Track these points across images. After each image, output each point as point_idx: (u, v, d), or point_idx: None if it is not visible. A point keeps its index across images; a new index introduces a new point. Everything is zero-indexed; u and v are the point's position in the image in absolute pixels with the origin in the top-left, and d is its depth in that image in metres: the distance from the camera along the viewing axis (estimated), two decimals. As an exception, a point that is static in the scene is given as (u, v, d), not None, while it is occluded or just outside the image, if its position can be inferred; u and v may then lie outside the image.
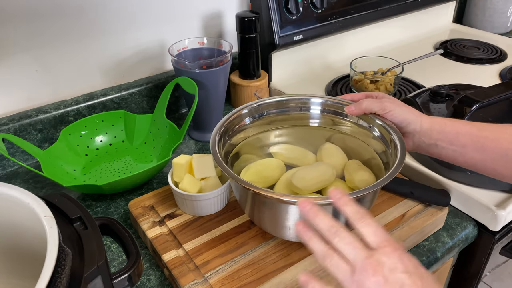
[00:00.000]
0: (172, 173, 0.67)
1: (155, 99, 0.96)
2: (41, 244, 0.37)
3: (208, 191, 0.64)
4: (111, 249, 0.66)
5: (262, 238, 0.62)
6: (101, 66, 0.91)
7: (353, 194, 0.48)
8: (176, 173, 0.66)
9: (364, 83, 1.00)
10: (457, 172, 0.73)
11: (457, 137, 0.56)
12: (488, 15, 1.40)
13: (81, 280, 0.37)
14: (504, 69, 1.12)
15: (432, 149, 0.59)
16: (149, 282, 0.61)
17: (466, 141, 0.55)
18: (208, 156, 0.66)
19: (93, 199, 0.76)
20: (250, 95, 1.00)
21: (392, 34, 1.29)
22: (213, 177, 0.66)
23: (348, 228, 0.41)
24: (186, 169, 0.66)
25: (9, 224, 0.44)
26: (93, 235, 0.42)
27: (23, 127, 0.83)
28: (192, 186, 0.64)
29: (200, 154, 0.67)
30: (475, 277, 0.79)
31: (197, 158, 0.66)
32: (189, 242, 0.62)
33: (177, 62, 0.85)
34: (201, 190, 0.65)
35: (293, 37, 1.01)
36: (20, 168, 0.84)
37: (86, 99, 0.89)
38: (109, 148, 0.87)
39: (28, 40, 0.80)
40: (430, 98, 0.85)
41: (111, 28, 0.88)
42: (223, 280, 0.56)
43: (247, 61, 0.97)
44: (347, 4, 1.08)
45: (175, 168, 0.66)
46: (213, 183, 0.66)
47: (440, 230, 0.69)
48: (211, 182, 0.66)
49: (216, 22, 1.03)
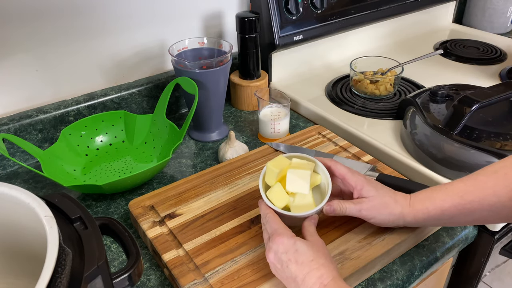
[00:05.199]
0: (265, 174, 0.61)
1: (155, 99, 0.96)
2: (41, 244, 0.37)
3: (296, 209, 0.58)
4: (111, 249, 0.66)
5: (262, 238, 0.62)
6: (101, 66, 0.91)
7: None
8: (268, 176, 0.60)
9: (364, 83, 1.00)
10: (457, 172, 0.73)
11: (443, 214, 0.56)
12: (488, 15, 1.41)
13: (81, 280, 0.37)
14: (504, 69, 1.12)
15: None
16: (149, 282, 0.61)
17: (453, 213, 0.56)
18: (305, 171, 0.58)
19: (93, 199, 0.76)
20: (250, 95, 1.00)
21: (392, 34, 1.30)
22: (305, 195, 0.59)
23: None
24: (278, 177, 0.60)
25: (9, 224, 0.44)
26: (93, 235, 0.42)
27: (23, 127, 0.83)
28: (279, 200, 0.58)
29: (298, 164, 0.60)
30: (475, 277, 0.79)
31: (292, 172, 0.59)
32: (189, 242, 0.62)
33: (177, 62, 0.85)
34: (287, 206, 0.59)
35: (293, 37, 1.01)
36: (20, 168, 0.84)
37: (86, 99, 0.89)
38: (109, 148, 0.87)
39: (28, 40, 0.80)
40: (430, 98, 0.85)
41: (112, 28, 0.89)
42: (223, 280, 0.56)
43: (247, 61, 0.98)
44: (347, 4, 1.08)
45: (268, 172, 0.60)
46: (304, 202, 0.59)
47: (440, 230, 0.69)
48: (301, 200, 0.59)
49: (216, 22, 1.03)
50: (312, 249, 0.52)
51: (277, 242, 0.53)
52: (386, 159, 0.82)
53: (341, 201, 0.59)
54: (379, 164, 0.78)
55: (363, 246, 0.61)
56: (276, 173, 0.59)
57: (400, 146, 0.83)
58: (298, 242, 0.52)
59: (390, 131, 0.88)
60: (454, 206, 0.55)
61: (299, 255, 0.51)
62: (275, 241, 0.53)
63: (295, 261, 0.51)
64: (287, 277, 0.52)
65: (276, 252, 0.53)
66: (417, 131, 0.80)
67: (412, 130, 0.82)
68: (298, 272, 0.50)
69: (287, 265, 0.51)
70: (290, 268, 0.51)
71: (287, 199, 0.59)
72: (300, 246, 0.52)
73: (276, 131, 0.89)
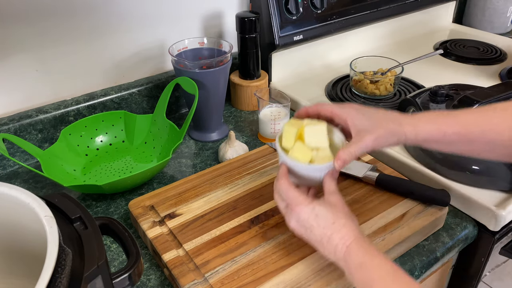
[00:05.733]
0: (281, 137, 0.60)
1: (155, 99, 0.96)
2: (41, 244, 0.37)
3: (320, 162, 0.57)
4: (111, 249, 0.66)
5: (262, 238, 0.62)
6: (101, 66, 0.91)
7: None
8: (286, 138, 0.59)
9: (364, 83, 1.00)
10: (457, 172, 0.73)
11: (444, 137, 0.56)
12: (488, 15, 1.40)
13: (81, 280, 0.37)
14: (504, 69, 1.12)
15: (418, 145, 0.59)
16: (149, 282, 0.61)
17: (453, 139, 0.56)
18: (321, 125, 0.58)
19: (93, 199, 0.76)
20: (250, 95, 1.00)
21: (392, 34, 1.29)
22: (325, 148, 0.58)
23: None
24: (296, 136, 0.59)
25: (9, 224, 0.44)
26: (93, 235, 0.42)
27: (23, 127, 0.83)
28: (303, 155, 0.57)
29: (311, 121, 0.60)
30: (475, 277, 0.79)
31: (309, 128, 0.58)
32: (189, 242, 0.62)
33: (177, 62, 0.85)
34: (312, 160, 0.58)
35: (293, 37, 1.01)
36: (20, 168, 0.84)
37: (86, 99, 0.89)
38: (109, 148, 0.87)
39: (28, 40, 0.80)
40: (430, 98, 0.85)
41: (112, 28, 0.89)
42: (223, 280, 0.56)
43: (247, 61, 0.98)
44: (347, 4, 1.08)
45: (285, 133, 0.59)
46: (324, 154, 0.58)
47: (440, 230, 0.69)
48: (323, 154, 0.58)
49: (216, 22, 1.03)
50: (332, 211, 0.52)
51: (296, 211, 0.54)
52: (386, 159, 0.82)
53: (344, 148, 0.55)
54: (379, 164, 0.78)
55: (363, 246, 0.61)
56: (294, 133, 0.58)
57: (400, 146, 0.83)
58: (317, 207, 0.53)
59: (390, 131, 0.88)
60: (455, 133, 0.55)
61: (320, 220, 0.52)
62: (295, 210, 0.54)
63: (317, 225, 0.52)
64: (313, 240, 0.53)
65: (298, 220, 0.54)
66: (417, 131, 0.80)
67: (412, 130, 0.81)
68: (322, 235, 0.52)
69: (310, 230, 0.53)
70: (314, 232, 0.53)
71: (311, 153, 0.57)
72: (319, 210, 0.53)
73: (276, 131, 0.89)
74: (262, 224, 0.65)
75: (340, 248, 0.50)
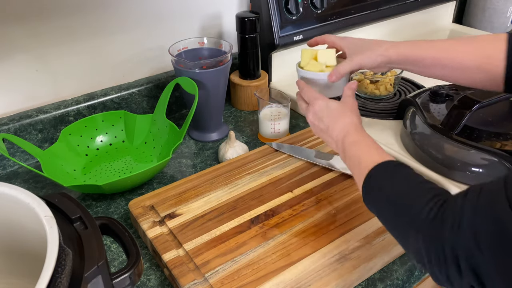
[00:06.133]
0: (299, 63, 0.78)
1: (155, 99, 0.96)
2: (41, 244, 0.37)
3: None
4: (111, 249, 0.66)
5: (262, 238, 0.62)
6: (102, 66, 0.91)
7: None
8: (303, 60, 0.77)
9: (364, 83, 1.00)
10: (457, 172, 0.73)
11: (422, 61, 0.68)
12: (488, 15, 1.40)
13: (81, 280, 0.37)
14: (504, 69, 1.12)
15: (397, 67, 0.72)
16: (149, 282, 0.61)
17: (430, 63, 0.67)
18: (331, 50, 0.76)
19: (93, 199, 0.76)
20: (250, 95, 1.00)
21: (392, 34, 1.30)
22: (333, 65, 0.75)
23: None
24: (311, 58, 0.76)
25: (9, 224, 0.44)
26: (93, 235, 0.42)
27: (23, 127, 0.83)
28: (316, 67, 0.74)
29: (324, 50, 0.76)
30: (475, 277, 0.79)
31: (321, 51, 0.76)
32: (189, 242, 0.62)
33: (177, 62, 0.85)
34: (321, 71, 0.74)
35: (293, 37, 1.01)
36: (20, 168, 0.84)
37: (86, 99, 0.89)
38: (109, 148, 0.87)
39: (28, 40, 0.80)
40: (430, 98, 0.85)
41: (111, 28, 0.89)
42: (223, 280, 0.56)
43: (247, 61, 0.98)
44: (347, 4, 1.08)
45: (302, 56, 0.77)
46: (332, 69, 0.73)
47: (440, 230, 0.69)
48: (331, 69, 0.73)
49: (216, 22, 1.03)
50: (342, 107, 0.65)
51: (314, 104, 0.67)
52: (386, 159, 0.82)
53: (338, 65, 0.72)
54: (379, 164, 0.78)
55: (363, 246, 0.61)
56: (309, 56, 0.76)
57: (400, 146, 0.83)
58: (330, 102, 0.66)
59: (390, 131, 0.88)
60: (432, 57, 0.67)
61: (330, 111, 0.65)
62: (313, 103, 0.67)
63: (327, 115, 0.65)
64: (321, 129, 0.66)
65: (314, 112, 0.66)
66: (417, 131, 0.80)
67: (412, 130, 0.81)
68: (330, 121, 0.64)
69: (321, 119, 0.65)
70: (324, 120, 0.65)
71: (322, 66, 0.75)
72: (331, 104, 0.65)
73: (276, 131, 0.89)
74: (262, 224, 0.65)
75: (342, 130, 0.61)
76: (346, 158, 0.60)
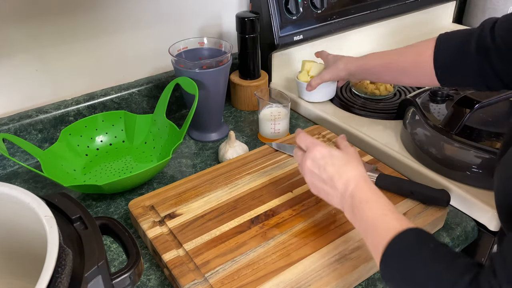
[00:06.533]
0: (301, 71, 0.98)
1: (155, 99, 0.96)
2: (42, 244, 0.37)
3: None
4: (111, 249, 0.66)
5: (262, 238, 0.62)
6: (101, 66, 0.91)
7: None
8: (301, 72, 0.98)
9: (364, 83, 1.00)
10: (457, 172, 0.73)
11: (373, 69, 0.79)
12: (488, 15, 1.40)
13: (81, 280, 0.37)
14: (504, 69, 1.12)
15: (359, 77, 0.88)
16: (149, 282, 0.61)
17: (379, 70, 0.79)
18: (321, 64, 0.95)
19: (93, 199, 0.76)
20: (250, 95, 1.00)
21: (392, 34, 1.29)
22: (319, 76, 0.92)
23: None
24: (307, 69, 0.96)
25: (9, 224, 0.44)
26: (93, 235, 0.42)
27: (23, 127, 0.83)
28: (305, 78, 0.96)
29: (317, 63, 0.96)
30: (475, 277, 0.79)
31: (314, 65, 0.96)
32: (189, 242, 0.62)
33: (177, 62, 0.85)
34: None
35: (293, 37, 1.01)
36: (20, 168, 0.84)
37: (86, 99, 0.89)
38: (109, 148, 0.87)
39: (28, 40, 0.80)
40: (430, 98, 0.85)
41: (112, 28, 0.89)
42: (223, 280, 0.56)
43: (247, 61, 0.98)
44: (347, 4, 1.08)
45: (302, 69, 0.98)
46: None
47: (440, 230, 0.69)
48: None
49: (216, 22, 1.03)
50: (346, 155, 0.60)
51: (314, 151, 0.60)
52: (386, 159, 0.82)
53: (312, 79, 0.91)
54: (379, 164, 0.78)
55: (363, 246, 0.61)
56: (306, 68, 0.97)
57: (400, 146, 0.84)
58: (333, 150, 0.60)
59: (390, 131, 0.88)
60: (379, 65, 0.78)
61: (334, 159, 0.59)
62: (313, 150, 0.60)
63: (331, 163, 0.58)
64: (324, 179, 0.58)
65: (314, 159, 0.60)
66: (417, 131, 0.80)
67: (412, 130, 0.81)
68: (335, 171, 0.57)
69: (324, 168, 0.58)
70: (327, 169, 0.58)
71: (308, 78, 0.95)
72: (335, 152, 0.60)
73: (276, 131, 0.89)
74: (262, 224, 0.65)
75: (351, 183, 0.55)
76: (356, 218, 0.54)
